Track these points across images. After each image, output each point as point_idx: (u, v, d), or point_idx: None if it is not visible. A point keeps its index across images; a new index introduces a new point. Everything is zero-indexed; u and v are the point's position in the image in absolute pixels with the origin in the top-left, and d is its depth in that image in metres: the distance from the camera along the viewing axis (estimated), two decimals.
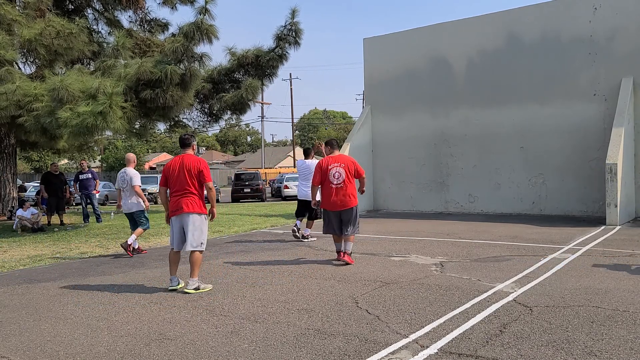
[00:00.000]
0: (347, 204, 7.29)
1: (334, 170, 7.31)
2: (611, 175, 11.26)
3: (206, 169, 6.07)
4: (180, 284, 6.16)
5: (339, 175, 7.27)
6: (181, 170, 6.00)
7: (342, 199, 7.27)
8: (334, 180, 7.28)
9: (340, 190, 7.27)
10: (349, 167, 7.32)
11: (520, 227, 11.18)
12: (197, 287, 5.96)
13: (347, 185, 7.28)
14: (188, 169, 5.98)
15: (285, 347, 4.04)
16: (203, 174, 6.01)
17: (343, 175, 7.28)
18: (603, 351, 3.77)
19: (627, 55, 12.80)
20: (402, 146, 16.20)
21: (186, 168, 5.99)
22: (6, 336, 4.56)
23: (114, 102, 11.12)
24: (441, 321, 4.57)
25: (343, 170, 7.28)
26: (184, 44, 12.82)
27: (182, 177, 5.98)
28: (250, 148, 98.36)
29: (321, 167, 7.41)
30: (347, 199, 7.27)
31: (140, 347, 4.16)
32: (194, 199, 6.01)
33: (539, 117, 13.91)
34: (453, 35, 15.28)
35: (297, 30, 15.70)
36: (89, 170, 14.67)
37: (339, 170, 7.28)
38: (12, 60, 12.92)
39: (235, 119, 53.57)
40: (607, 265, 6.84)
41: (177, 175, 6.01)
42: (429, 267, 7.09)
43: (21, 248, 10.04)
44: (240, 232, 11.78)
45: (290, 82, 55.42)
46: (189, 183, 5.97)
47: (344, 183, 7.27)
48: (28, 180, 44.46)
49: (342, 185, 7.27)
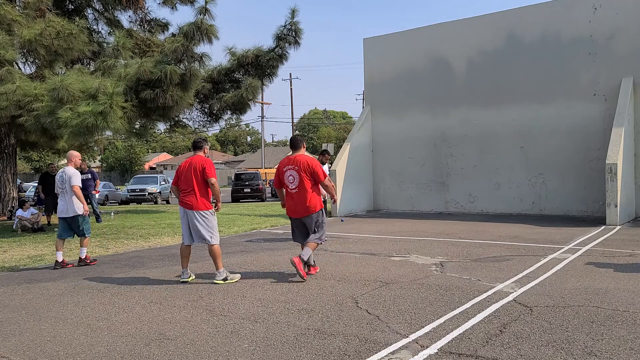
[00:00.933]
0: (305, 210, 6.47)
1: (287, 173, 6.54)
2: (611, 175, 11.26)
3: (209, 167, 6.43)
4: (190, 277, 6.56)
5: (293, 179, 6.47)
6: (189, 170, 6.41)
7: (299, 206, 6.47)
8: (289, 184, 6.52)
9: (295, 195, 6.49)
10: (304, 170, 6.42)
11: (520, 227, 11.18)
12: (224, 277, 6.40)
13: (302, 190, 6.42)
14: (194, 168, 6.39)
15: (285, 347, 4.04)
16: (205, 171, 6.36)
17: (297, 179, 6.45)
18: (603, 351, 3.77)
19: (627, 55, 12.80)
20: (402, 146, 16.20)
21: (193, 167, 6.40)
22: (6, 336, 4.56)
23: (115, 102, 11.13)
24: (441, 321, 4.57)
25: (296, 173, 6.44)
26: (184, 44, 12.82)
27: (189, 176, 6.40)
28: (250, 148, 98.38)
29: (279, 169, 6.70)
30: (304, 206, 6.44)
31: (140, 347, 4.16)
32: (198, 196, 6.37)
33: (539, 117, 13.92)
34: (453, 35, 15.28)
35: (297, 30, 15.69)
36: (88, 171, 14.67)
37: (292, 174, 6.48)
38: (12, 60, 12.91)
39: (235, 119, 53.64)
40: (607, 265, 6.84)
41: (185, 174, 6.44)
42: (429, 267, 7.08)
43: (21, 248, 10.04)
44: (240, 232, 11.78)
45: (290, 82, 55.42)
46: (194, 181, 6.37)
47: (299, 188, 6.44)
48: (28, 180, 44.47)
49: (297, 190, 6.45)
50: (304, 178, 6.41)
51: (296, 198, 6.47)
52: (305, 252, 6.44)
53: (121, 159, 69.39)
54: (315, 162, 6.51)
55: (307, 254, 6.45)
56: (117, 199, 28.94)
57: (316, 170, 6.45)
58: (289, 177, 6.50)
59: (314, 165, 6.45)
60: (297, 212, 6.55)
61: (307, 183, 6.41)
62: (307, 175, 6.42)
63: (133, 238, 11.12)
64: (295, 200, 6.48)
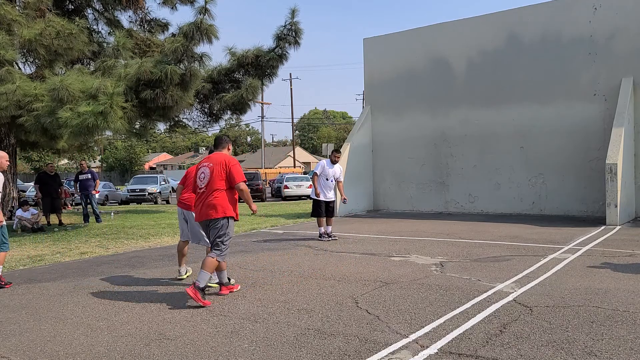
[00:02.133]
0: (209, 214, 5.50)
1: (200, 170, 5.71)
2: (611, 175, 11.26)
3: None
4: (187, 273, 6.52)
5: (204, 176, 5.60)
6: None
7: (205, 207, 5.54)
8: (200, 183, 5.65)
9: (203, 196, 5.60)
10: (217, 168, 5.55)
11: (520, 227, 11.18)
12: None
13: (210, 190, 5.52)
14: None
15: (285, 347, 4.04)
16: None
17: (207, 177, 5.56)
18: (603, 351, 3.77)
19: (627, 55, 12.80)
20: (402, 146, 16.20)
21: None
22: (6, 336, 4.56)
23: (115, 102, 11.12)
24: (441, 321, 4.57)
25: (209, 170, 5.59)
26: (184, 44, 12.81)
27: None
28: (250, 148, 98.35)
29: (196, 166, 6.02)
30: (209, 209, 5.49)
31: (140, 347, 4.16)
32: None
33: (539, 117, 13.92)
34: (453, 36, 15.28)
35: (297, 30, 15.69)
36: (88, 171, 14.66)
37: (204, 171, 5.63)
38: (12, 60, 12.91)
39: (235, 119, 53.59)
40: (607, 265, 6.84)
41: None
42: (429, 267, 7.08)
43: (21, 248, 10.04)
44: (240, 232, 11.78)
45: (290, 82, 55.41)
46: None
47: (207, 187, 5.55)
48: (28, 180, 44.45)
49: (205, 190, 5.57)
50: (217, 178, 5.52)
51: (204, 198, 5.56)
52: (201, 278, 5.34)
53: (121, 159, 69.41)
54: (234, 162, 5.63)
55: (203, 280, 5.35)
56: (117, 199, 28.95)
57: (233, 171, 5.54)
58: (200, 174, 5.67)
59: (231, 165, 5.57)
60: (200, 215, 5.62)
61: (217, 182, 5.52)
62: (218, 174, 5.53)
63: (133, 238, 11.12)
64: (202, 200, 5.58)
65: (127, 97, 12.18)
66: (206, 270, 5.40)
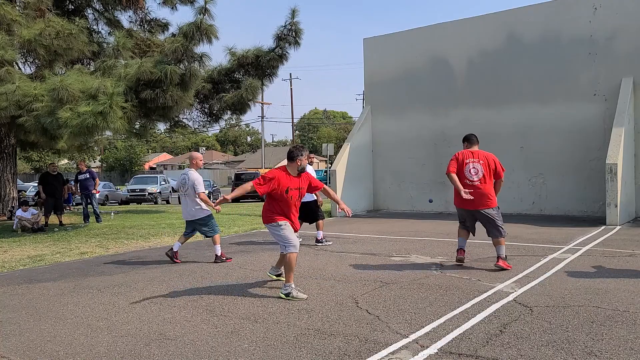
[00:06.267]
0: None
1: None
2: (611, 175, 11.26)
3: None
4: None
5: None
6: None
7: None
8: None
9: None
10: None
11: (520, 227, 11.17)
12: (288, 292, 5.55)
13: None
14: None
15: (285, 347, 4.04)
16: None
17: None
18: (603, 351, 3.77)
19: (627, 55, 12.80)
20: (402, 146, 16.20)
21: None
22: (6, 336, 4.56)
23: (115, 102, 11.12)
24: (441, 321, 4.57)
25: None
26: (184, 44, 12.82)
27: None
28: (250, 148, 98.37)
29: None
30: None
31: (140, 347, 4.15)
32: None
33: (539, 117, 13.91)
34: (453, 35, 15.28)
35: (297, 30, 15.69)
36: (87, 170, 14.66)
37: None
38: (12, 61, 12.92)
39: (235, 119, 53.62)
40: (607, 265, 6.84)
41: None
42: (429, 267, 7.08)
43: (21, 248, 10.04)
44: (240, 232, 11.78)
45: (290, 82, 55.40)
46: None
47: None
48: (28, 180, 44.44)
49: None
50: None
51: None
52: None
53: (121, 159, 69.38)
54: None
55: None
56: (117, 199, 28.95)
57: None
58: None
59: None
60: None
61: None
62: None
63: (133, 238, 11.12)
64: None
65: (127, 97, 12.18)
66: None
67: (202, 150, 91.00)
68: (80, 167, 14.97)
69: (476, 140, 6.97)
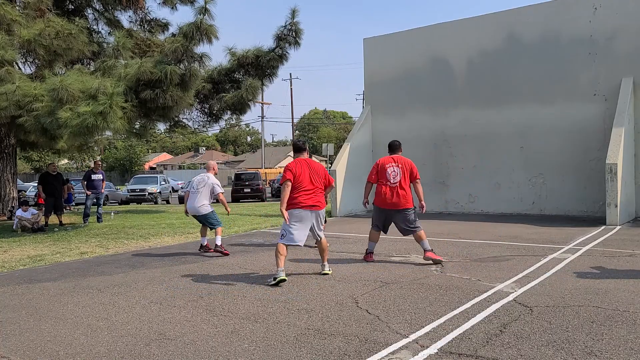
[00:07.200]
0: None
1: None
2: (611, 175, 11.26)
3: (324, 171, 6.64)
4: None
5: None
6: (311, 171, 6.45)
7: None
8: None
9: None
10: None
11: (520, 227, 11.18)
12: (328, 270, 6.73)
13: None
14: (316, 170, 6.47)
15: (285, 347, 4.04)
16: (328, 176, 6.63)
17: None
18: (603, 351, 3.77)
19: (627, 55, 12.80)
20: (402, 146, 16.11)
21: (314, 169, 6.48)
22: (6, 336, 4.56)
23: (115, 102, 11.12)
24: (441, 321, 4.57)
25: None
26: (184, 44, 12.82)
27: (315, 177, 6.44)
28: (250, 148, 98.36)
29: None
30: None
31: (140, 347, 4.15)
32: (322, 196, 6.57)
33: (539, 117, 13.91)
34: (453, 35, 15.28)
35: (297, 30, 15.69)
36: (100, 171, 14.63)
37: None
38: (12, 61, 12.91)
39: (235, 119, 53.61)
40: (607, 266, 6.83)
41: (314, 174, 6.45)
42: (429, 267, 7.08)
43: (21, 248, 10.04)
44: (240, 232, 11.78)
45: (290, 82, 55.45)
46: (320, 182, 6.48)
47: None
48: (28, 180, 44.44)
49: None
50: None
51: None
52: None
53: (121, 159, 69.42)
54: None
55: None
56: (117, 199, 28.96)
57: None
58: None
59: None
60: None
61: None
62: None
63: (133, 238, 11.11)
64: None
65: (127, 97, 12.18)
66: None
67: (202, 150, 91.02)
68: (96, 167, 14.85)
69: (398, 147, 7.97)
